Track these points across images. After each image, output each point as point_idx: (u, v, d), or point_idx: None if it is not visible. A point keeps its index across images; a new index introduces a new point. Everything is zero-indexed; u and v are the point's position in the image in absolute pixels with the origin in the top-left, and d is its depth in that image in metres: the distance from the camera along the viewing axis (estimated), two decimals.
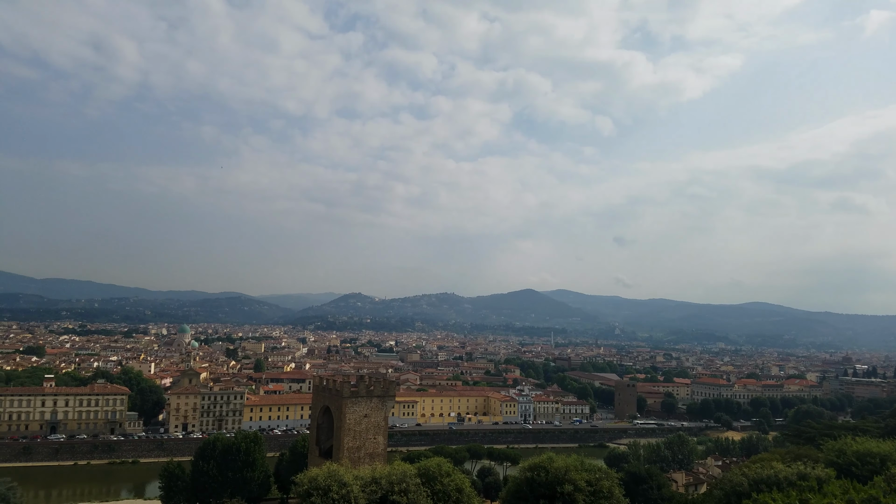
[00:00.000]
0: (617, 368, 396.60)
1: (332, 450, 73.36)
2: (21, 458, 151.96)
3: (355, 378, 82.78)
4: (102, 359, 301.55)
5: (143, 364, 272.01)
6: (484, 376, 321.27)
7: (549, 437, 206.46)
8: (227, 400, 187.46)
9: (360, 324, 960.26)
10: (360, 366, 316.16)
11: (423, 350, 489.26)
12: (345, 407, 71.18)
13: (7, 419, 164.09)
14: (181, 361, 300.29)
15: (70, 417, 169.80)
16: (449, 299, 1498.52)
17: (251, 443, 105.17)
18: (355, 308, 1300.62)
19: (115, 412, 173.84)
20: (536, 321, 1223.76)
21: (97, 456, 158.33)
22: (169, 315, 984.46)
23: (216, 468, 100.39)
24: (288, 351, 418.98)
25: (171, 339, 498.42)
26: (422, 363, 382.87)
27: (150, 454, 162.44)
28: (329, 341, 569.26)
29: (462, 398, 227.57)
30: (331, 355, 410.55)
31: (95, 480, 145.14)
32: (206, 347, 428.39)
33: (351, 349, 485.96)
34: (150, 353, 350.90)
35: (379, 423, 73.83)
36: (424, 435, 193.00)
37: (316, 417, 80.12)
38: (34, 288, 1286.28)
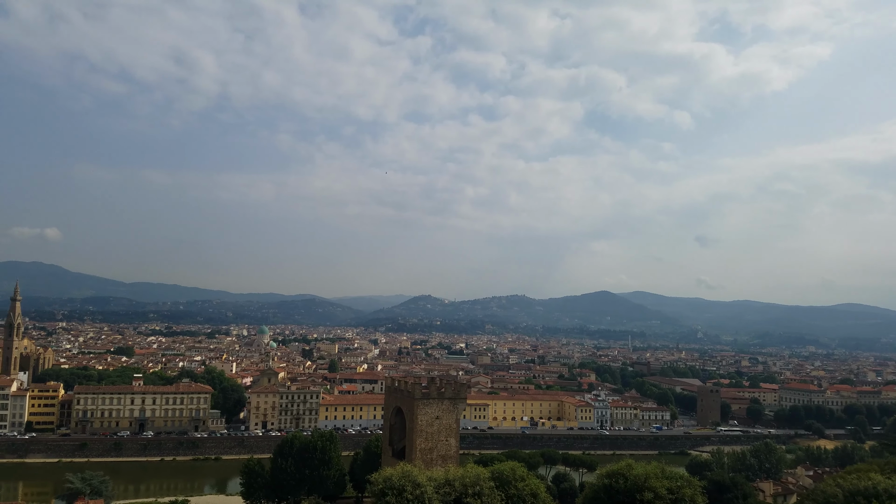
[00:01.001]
0: (699, 373, 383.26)
1: (405, 450, 74.41)
2: (112, 453, 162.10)
3: (426, 380, 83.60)
4: (187, 359, 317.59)
5: (225, 364, 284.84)
6: (557, 380, 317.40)
7: (627, 443, 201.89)
8: (303, 399, 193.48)
9: (430, 326, 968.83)
10: (431, 368, 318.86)
11: (494, 353, 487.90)
12: (416, 408, 71.94)
13: (100, 416, 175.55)
14: (260, 361, 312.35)
15: (157, 415, 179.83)
16: (520, 301, 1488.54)
17: (327, 441, 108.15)
18: (425, 310, 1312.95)
19: (198, 410, 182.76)
20: (613, 324, 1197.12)
21: (182, 452, 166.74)
22: (248, 317, 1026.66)
23: (294, 466, 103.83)
24: (360, 352, 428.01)
25: (250, 339, 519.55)
26: (493, 366, 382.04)
27: (231, 451, 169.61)
28: (400, 343, 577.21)
29: (535, 402, 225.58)
30: (402, 357, 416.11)
31: (180, 476, 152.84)
32: (284, 348, 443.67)
33: (421, 351, 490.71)
34: (231, 354, 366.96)
35: (450, 426, 74.14)
36: (496, 438, 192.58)
37: (388, 418, 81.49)
38: (124, 291, 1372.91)
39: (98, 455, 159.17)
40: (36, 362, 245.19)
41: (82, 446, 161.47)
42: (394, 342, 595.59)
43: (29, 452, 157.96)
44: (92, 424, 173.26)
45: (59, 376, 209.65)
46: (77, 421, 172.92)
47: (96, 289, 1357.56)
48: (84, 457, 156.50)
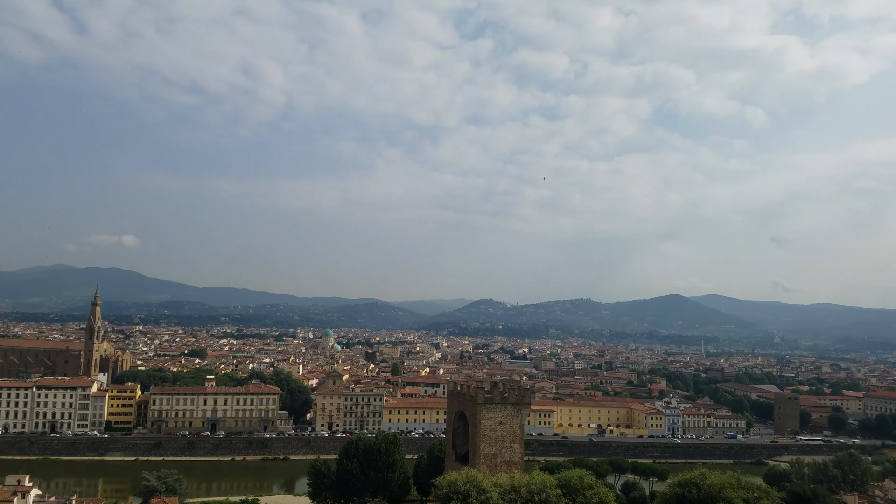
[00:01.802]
0: (776, 380, 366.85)
1: (469, 455, 74.20)
2: (186, 452, 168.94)
3: (489, 384, 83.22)
4: (256, 361, 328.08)
5: (292, 366, 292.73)
6: (626, 387, 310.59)
7: (700, 452, 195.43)
8: (367, 401, 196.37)
9: (491, 330, 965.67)
10: (494, 372, 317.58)
11: (559, 358, 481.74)
12: (479, 413, 71.66)
13: (174, 416, 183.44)
14: (326, 364, 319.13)
15: (228, 415, 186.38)
16: (585, 305, 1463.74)
17: (391, 444, 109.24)
18: (487, 314, 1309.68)
19: (267, 411, 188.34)
20: (684, 329, 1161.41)
21: (252, 452, 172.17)
22: (314, 320, 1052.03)
23: (359, 467, 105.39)
24: (422, 355, 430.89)
25: (316, 342, 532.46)
26: (557, 371, 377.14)
27: (299, 451, 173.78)
28: (461, 347, 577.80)
29: (602, 409, 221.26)
30: (464, 361, 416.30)
31: (250, 475, 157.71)
32: (348, 351, 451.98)
33: (483, 355, 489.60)
34: (298, 356, 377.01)
35: (515, 431, 73.51)
36: (563, 445, 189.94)
37: (451, 422, 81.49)
38: (197, 296, 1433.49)
39: (172, 454, 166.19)
40: (115, 364, 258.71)
41: (158, 445, 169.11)
42: (455, 346, 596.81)
43: (108, 451, 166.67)
44: (167, 424, 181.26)
45: (136, 378, 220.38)
46: (153, 421, 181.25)
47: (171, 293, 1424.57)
48: (159, 455, 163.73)
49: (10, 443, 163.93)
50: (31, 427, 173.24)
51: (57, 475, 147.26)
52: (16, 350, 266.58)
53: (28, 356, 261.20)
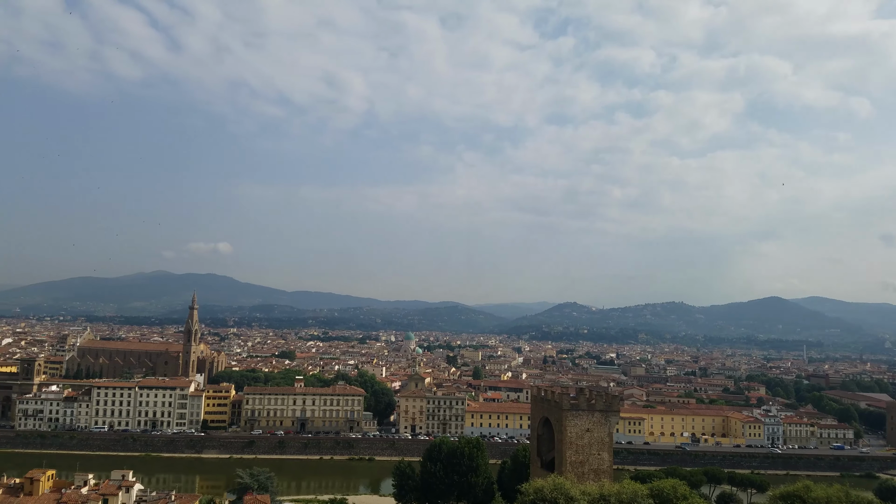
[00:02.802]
0: (888, 387, 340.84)
1: (555, 462, 72.96)
2: (277, 450, 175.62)
3: (575, 390, 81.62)
4: (342, 362, 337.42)
5: (375, 368, 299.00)
6: (721, 394, 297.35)
7: (803, 463, 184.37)
8: (449, 405, 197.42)
9: (576, 334, 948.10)
10: (579, 378, 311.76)
11: (649, 364, 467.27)
12: (565, 420, 70.27)
13: (265, 415, 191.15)
14: (408, 366, 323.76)
15: (316, 415, 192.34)
16: (677, 309, 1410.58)
17: (474, 448, 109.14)
18: (571, 318, 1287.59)
19: (353, 412, 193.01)
20: (784, 333, 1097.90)
21: (338, 452, 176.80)
22: (396, 323, 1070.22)
23: (443, 470, 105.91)
24: (504, 360, 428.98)
25: (398, 345, 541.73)
26: (648, 378, 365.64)
27: (383, 452, 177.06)
28: (545, 351, 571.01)
29: (696, 417, 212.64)
30: (547, 366, 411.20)
31: (337, 475, 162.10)
32: (429, 354, 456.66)
33: (568, 360, 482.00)
34: (381, 358, 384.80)
35: (603, 439, 71.67)
36: (654, 454, 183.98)
37: (535, 428, 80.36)
38: (286, 299, 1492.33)
39: (264, 452, 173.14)
40: (211, 365, 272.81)
41: (250, 443, 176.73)
42: (538, 350, 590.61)
43: (204, 448, 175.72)
44: (259, 423, 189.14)
45: (231, 378, 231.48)
46: (246, 420, 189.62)
47: (262, 297, 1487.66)
48: (252, 453, 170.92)
49: (114, 440, 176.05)
50: (133, 425, 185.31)
51: (157, 471, 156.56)
52: (120, 352, 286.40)
53: (131, 358, 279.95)
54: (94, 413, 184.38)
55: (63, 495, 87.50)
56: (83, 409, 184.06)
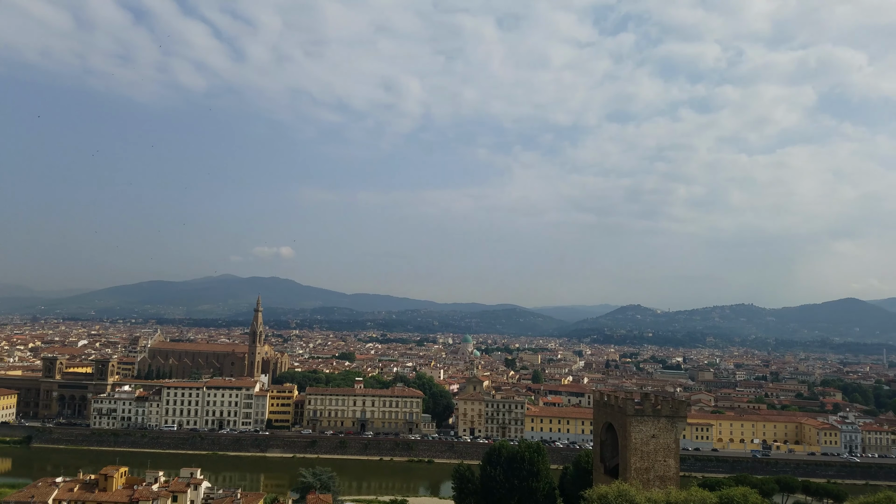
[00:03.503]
0: None
1: (618, 468, 71.52)
2: (338, 450, 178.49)
3: (639, 395, 79.79)
4: (400, 364, 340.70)
5: (433, 370, 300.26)
6: (794, 399, 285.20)
7: (884, 473, 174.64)
8: (508, 409, 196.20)
9: (640, 338, 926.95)
10: (644, 382, 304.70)
11: (717, 368, 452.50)
12: (629, 425, 69.16)
13: (327, 416, 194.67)
14: (465, 369, 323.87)
15: (376, 416, 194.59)
16: (747, 311, 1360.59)
17: (534, 453, 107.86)
18: (634, 321, 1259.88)
19: (411, 413, 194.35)
20: (862, 336, 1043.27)
21: (398, 453, 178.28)
22: (453, 326, 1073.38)
23: (502, 474, 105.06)
24: (564, 363, 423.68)
25: (455, 347, 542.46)
26: (716, 383, 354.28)
27: (442, 455, 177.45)
28: (607, 355, 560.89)
29: (767, 423, 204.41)
30: (609, 370, 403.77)
31: (397, 476, 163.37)
32: (487, 357, 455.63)
33: (631, 364, 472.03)
34: (438, 361, 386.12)
35: (669, 445, 70.04)
36: (722, 462, 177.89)
37: (598, 434, 79.04)
38: (345, 302, 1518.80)
39: (326, 452, 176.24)
40: (274, 366, 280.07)
41: (313, 443, 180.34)
42: (600, 354, 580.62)
43: (269, 447, 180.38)
44: (321, 423, 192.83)
45: (294, 378, 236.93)
46: (308, 419, 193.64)
47: (323, 300, 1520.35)
48: (314, 453, 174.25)
49: (183, 438, 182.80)
50: (201, 424, 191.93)
51: (224, 469, 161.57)
52: (189, 353, 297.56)
53: (199, 358, 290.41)
54: (164, 412, 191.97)
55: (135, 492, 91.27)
56: (154, 409, 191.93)
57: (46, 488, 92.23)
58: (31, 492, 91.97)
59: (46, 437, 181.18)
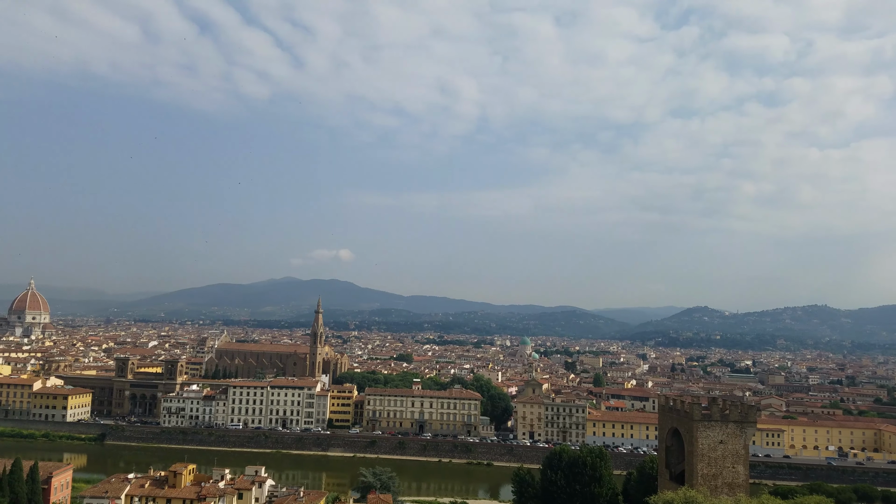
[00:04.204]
0: None
1: (685, 475, 69.81)
2: (397, 451, 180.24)
3: (706, 400, 77.81)
4: (457, 366, 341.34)
5: (491, 373, 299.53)
6: (873, 405, 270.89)
7: None
8: (569, 412, 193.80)
9: (707, 340, 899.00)
10: (711, 386, 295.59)
11: (789, 372, 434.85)
12: (696, 431, 67.75)
13: (386, 416, 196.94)
14: (524, 372, 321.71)
15: (434, 418, 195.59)
16: (820, 312, 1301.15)
17: (597, 458, 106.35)
18: (701, 323, 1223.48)
19: (469, 416, 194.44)
20: None
21: (457, 455, 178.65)
22: (511, 328, 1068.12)
23: (563, 479, 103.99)
24: (627, 367, 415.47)
25: (513, 350, 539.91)
26: (787, 387, 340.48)
27: (501, 458, 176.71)
28: (672, 358, 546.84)
29: (843, 429, 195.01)
30: (675, 374, 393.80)
31: (456, 478, 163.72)
32: (546, 359, 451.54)
33: (698, 368, 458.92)
34: (496, 363, 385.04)
35: (737, 452, 68.19)
36: (795, 469, 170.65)
37: (664, 439, 77.49)
38: (402, 304, 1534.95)
39: (385, 452, 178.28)
40: (334, 366, 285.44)
41: (372, 443, 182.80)
42: (665, 357, 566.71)
43: (330, 446, 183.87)
44: (380, 423, 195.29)
45: (353, 379, 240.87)
46: (368, 420, 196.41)
47: (381, 302, 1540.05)
48: (374, 453, 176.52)
49: (248, 436, 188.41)
50: (265, 423, 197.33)
51: (287, 467, 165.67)
52: (253, 353, 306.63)
53: (263, 359, 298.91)
54: (230, 411, 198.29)
55: (202, 488, 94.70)
56: (220, 408, 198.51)
57: (119, 484, 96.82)
58: (105, 487, 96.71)
59: (119, 434, 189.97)
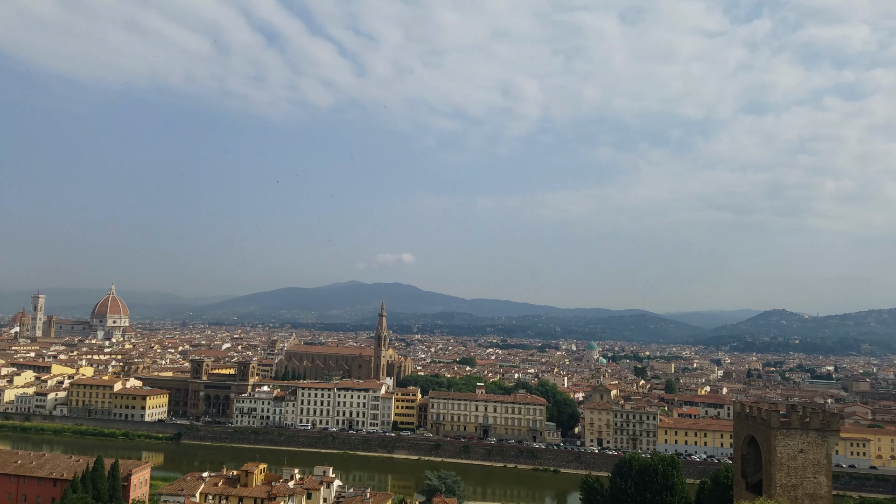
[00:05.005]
0: None
1: (762, 485, 67.37)
2: (462, 455, 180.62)
3: (785, 407, 74.86)
4: (521, 371, 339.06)
5: (556, 378, 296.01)
6: None
7: None
8: (639, 419, 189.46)
9: (785, 345, 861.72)
10: (790, 393, 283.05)
11: (875, 378, 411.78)
12: (774, 439, 65.45)
13: (450, 420, 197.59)
14: (591, 377, 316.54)
15: (498, 423, 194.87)
16: None
17: (669, 466, 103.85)
18: (779, 326, 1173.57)
19: (535, 421, 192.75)
20: None
21: (522, 461, 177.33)
22: (576, 332, 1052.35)
23: (634, 488, 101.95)
24: (701, 372, 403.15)
25: (580, 354, 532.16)
26: (873, 394, 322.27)
27: (568, 465, 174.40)
28: (748, 364, 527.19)
29: None
30: (751, 380, 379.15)
31: (522, 484, 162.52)
32: (614, 364, 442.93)
33: (776, 374, 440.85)
34: (562, 368, 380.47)
35: (819, 461, 65.41)
36: (882, 481, 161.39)
37: (740, 447, 75.06)
38: (465, 307, 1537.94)
39: (450, 456, 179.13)
40: (398, 369, 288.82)
41: (437, 446, 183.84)
42: (740, 363, 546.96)
43: (395, 449, 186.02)
44: (444, 427, 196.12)
45: (416, 382, 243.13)
46: (432, 423, 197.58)
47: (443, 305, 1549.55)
48: (439, 456, 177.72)
49: (316, 437, 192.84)
50: (332, 424, 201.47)
51: (353, 468, 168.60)
52: (320, 356, 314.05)
53: (330, 361, 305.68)
54: (299, 412, 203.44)
55: (273, 488, 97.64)
56: (290, 408, 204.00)
57: (194, 482, 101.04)
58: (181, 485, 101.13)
59: (194, 434, 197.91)
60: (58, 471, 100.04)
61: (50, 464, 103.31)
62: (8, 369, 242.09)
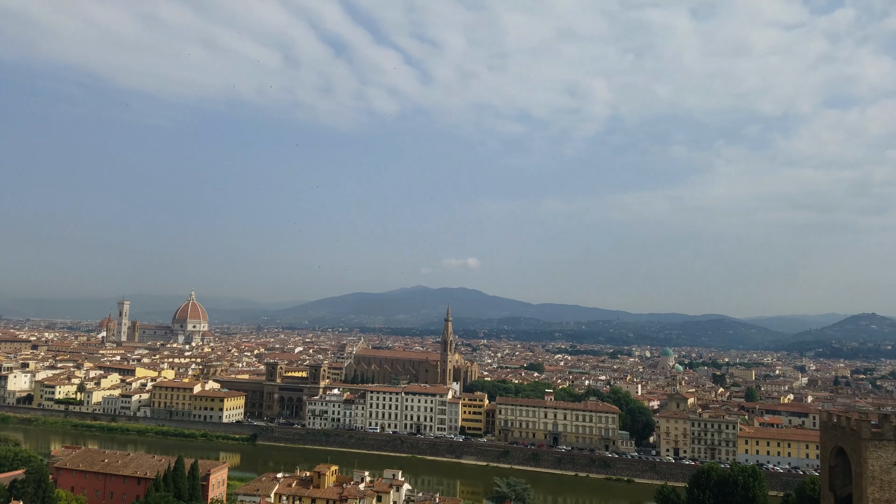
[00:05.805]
0: None
1: (852, 499, 63.95)
2: (531, 462, 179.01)
3: (877, 416, 70.67)
4: (592, 377, 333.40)
5: (629, 385, 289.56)
6: None
7: None
8: (718, 428, 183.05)
9: (876, 351, 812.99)
10: (882, 402, 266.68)
11: None
12: (864, 451, 62.02)
13: (518, 426, 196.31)
14: (666, 385, 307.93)
15: (568, 430, 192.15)
16: None
17: (749, 477, 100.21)
18: (868, 331, 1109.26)
19: (607, 430, 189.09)
20: None
21: (594, 470, 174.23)
22: (650, 337, 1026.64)
23: (712, 499, 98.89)
24: (783, 380, 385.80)
25: (654, 361, 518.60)
26: None
27: (643, 475, 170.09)
28: (835, 371, 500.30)
29: None
30: (839, 388, 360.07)
31: (594, 493, 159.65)
32: (691, 371, 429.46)
33: (866, 381, 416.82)
34: (635, 375, 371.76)
35: None
36: None
37: (827, 459, 71.57)
38: (531, 312, 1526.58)
39: (519, 463, 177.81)
40: (465, 374, 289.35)
41: (505, 453, 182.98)
42: (826, 370, 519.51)
43: (463, 454, 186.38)
44: (512, 433, 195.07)
45: (483, 387, 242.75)
46: (500, 429, 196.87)
47: (509, 310, 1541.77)
48: (507, 463, 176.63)
49: (385, 440, 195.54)
50: (400, 427, 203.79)
51: (422, 472, 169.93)
52: (388, 360, 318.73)
53: (397, 365, 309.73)
54: (368, 415, 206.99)
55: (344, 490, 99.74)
56: (359, 411, 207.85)
57: (269, 483, 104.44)
58: (257, 485, 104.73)
59: (269, 435, 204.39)
60: (142, 470, 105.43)
61: (134, 463, 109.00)
62: (95, 372, 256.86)
